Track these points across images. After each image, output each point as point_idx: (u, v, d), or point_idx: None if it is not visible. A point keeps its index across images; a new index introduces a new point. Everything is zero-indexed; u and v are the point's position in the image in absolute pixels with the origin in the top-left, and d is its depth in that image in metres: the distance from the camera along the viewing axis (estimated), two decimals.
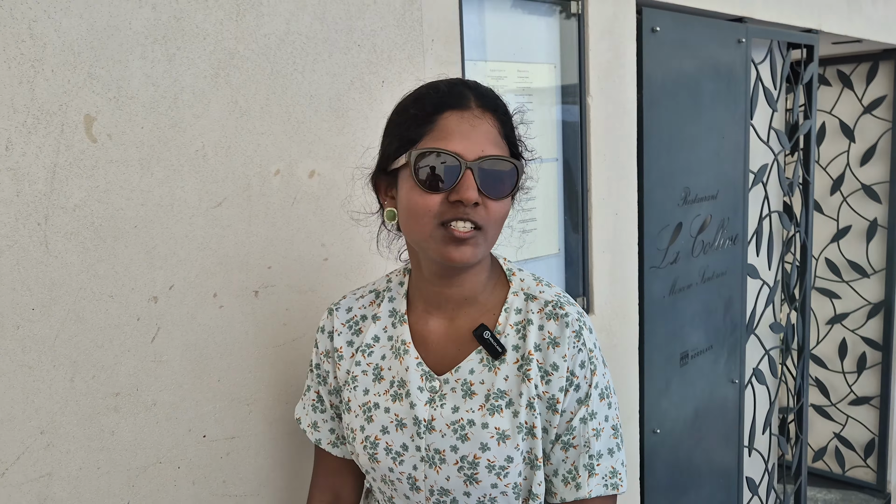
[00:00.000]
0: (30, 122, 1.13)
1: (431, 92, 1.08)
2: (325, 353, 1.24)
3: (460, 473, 1.08)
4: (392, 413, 1.13)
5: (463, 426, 1.09)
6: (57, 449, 1.19)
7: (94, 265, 1.21)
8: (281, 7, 1.39)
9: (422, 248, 1.09)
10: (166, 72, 1.26)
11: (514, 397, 1.08)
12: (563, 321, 1.09)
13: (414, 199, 1.04)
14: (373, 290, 1.25)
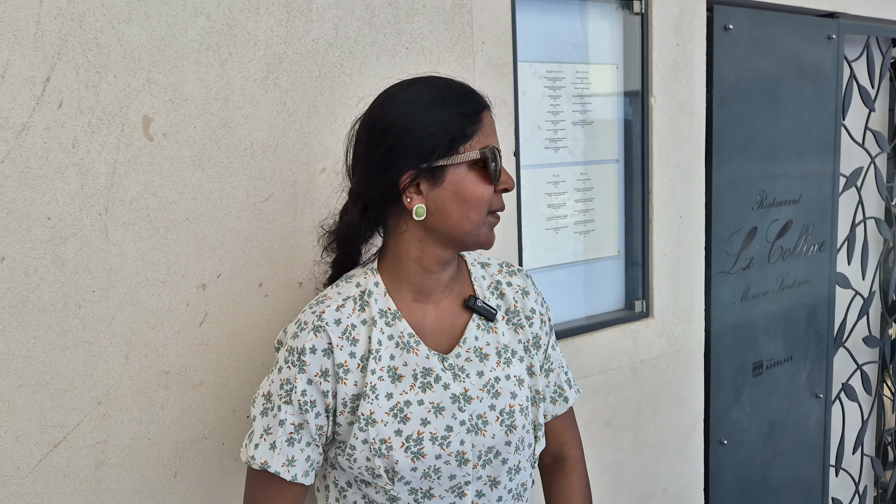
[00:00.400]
0: (94, 123, 1.25)
1: (467, 90, 1.16)
2: (322, 373, 1.14)
3: (502, 427, 1.20)
4: (427, 403, 1.16)
5: (492, 385, 1.21)
6: (112, 419, 1.32)
7: (149, 253, 1.32)
8: (329, 13, 1.46)
9: (469, 237, 1.16)
10: (218, 75, 1.36)
11: (514, 347, 1.26)
12: (521, 274, 1.33)
13: (476, 191, 1.14)
14: (347, 297, 1.19)
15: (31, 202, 1.21)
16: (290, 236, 1.46)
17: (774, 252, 2.46)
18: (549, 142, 1.92)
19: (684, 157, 2.13)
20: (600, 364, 2.01)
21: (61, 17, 1.20)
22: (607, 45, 2.01)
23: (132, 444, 1.34)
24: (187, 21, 1.32)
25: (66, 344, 1.26)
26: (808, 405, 2.69)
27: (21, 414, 1.23)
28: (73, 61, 1.22)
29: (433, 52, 1.61)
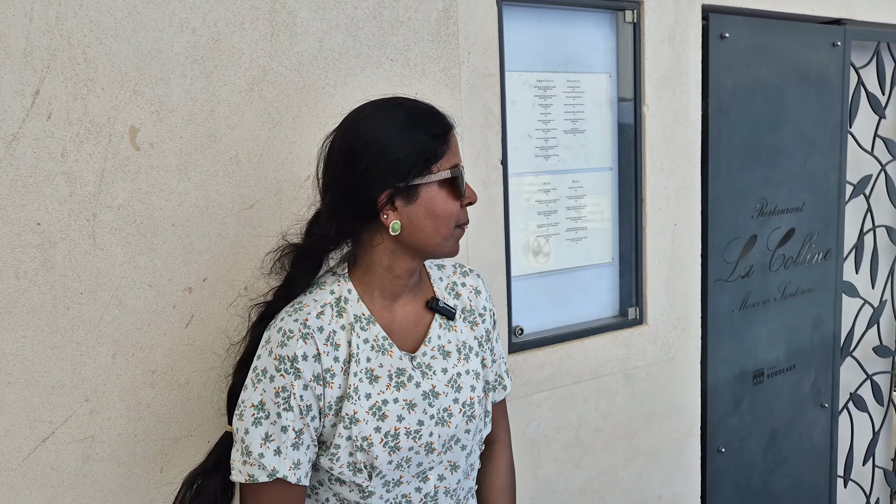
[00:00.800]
0: (82, 133, 1.31)
1: (434, 113, 1.22)
2: (315, 378, 1.17)
3: (464, 417, 1.30)
4: (401, 401, 1.23)
5: (455, 380, 1.30)
6: (100, 416, 1.38)
7: (136, 257, 1.38)
8: (314, 27, 1.51)
9: (437, 249, 1.24)
10: (204, 87, 1.41)
11: (471, 343, 1.35)
12: (473, 274, 1.42)
13: (446, 207, 1.22)
14: (324, 304, 1.22)
15: (22, 208, 1.27)
16: (276, 242, 1.51)
17: (776, 260, 2.45)
18: (539, 150, 1.95)
19: (679, 164, 2.13)
20: (591, 370, 2.03)
21: (50, 34, 1.27)
22: (600, 53, 2.03)
23: (119, 440, 1.40)
24: (173, 36, 1.38)
25: (55, 343, 1.32)
26: (812, 414, 2.67)
27: (11, 410, 1.29)
28: (62, 75, 1.29)
29: (418, 63, 1.65)
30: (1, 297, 1.27)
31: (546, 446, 1.98)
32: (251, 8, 1.44)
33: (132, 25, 1.34)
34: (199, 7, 1.39)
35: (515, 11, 1.85)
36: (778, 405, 2.54)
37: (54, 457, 1.34)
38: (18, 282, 1.28)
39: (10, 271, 1.27)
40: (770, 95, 2.35)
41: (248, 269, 1.49)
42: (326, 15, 1.53)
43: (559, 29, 1.95)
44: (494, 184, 1.79)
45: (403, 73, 1.64)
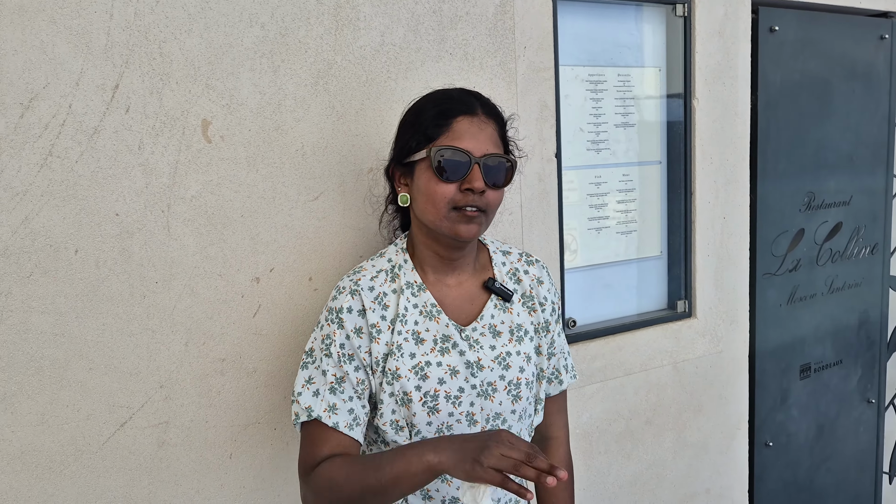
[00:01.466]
0: (158, 126, 1.35)
1: (446, 99, 1.29)
2: (356, 330, 1.27)
3: (509, 396, 1.33)
4: (444, 365, 1.29)
5: (504, 358, 1.34)
6: (173, 402, 1.41)
7: (207, 248, 1.41)
8: (376, 21, 1.54)
9: (436, 227, 1.29)
10: (272, 81, 1.44)
11: (527, 327, 1.39)
12: (538, 265, 1.45)
13: (432, 187, 1.25)
14: (380, 269, 1.34)
15: (102, 199, 1.31)
16: (339, 233, 1.54)
17: (823, 254, 2.44)
18: (591, 144, 1.96)
19: (728, 158, 2.13)
20: (642, 362, 2.04)
21: (129, 30, 1.31)
22: (650, 48, 2.04)
23: (191, 425, 1.43)
24: (243, 31, 1.41)
25: (132, 331, 1.36)
26: (858, 410, 2.65)
27: (92, 395, 1.34)
28: (140, 69, 1.32)
29: (476, 57, 1.68)
30: (83, 286, 1.31)
31: (598, 438, 1.99)
32: (317, 3, 1.47)
33: (205, 21, 1.37)
34: (268, 2, 1.43)
35: (568, 6, 1.87)
36: (824, 400, 2.53)
37: (132, 441, 1.38)
38: (99, 271, 1.32)
39: (91, 260, 1.31)
40: (817, 89, 2.34)
41: (313, 260, 1.52)
42: (388, 10, 1.55)
43: (610, 23, 1.96)
44: (549, 177, 1.81)
45: (462, 66, 1.66)
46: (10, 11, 1.21)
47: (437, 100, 1.30)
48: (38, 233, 1.27)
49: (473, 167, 1.24)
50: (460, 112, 1.26)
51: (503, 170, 1.28)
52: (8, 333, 1.26)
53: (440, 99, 1.30)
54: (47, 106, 1.26)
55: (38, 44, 1.24)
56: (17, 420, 1.28)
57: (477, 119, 1.27)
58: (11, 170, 1.24)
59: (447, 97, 1.30)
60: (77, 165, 1.29)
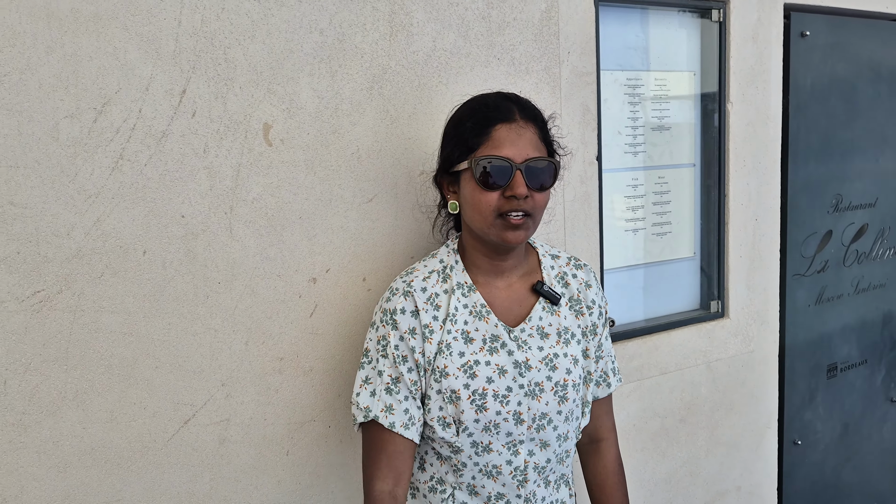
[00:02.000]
0: (222, 130, 1.38)
1: (483, 107, 1.33)
2: (410, 331, 1.31)
3: (556, 396, 1.35)
4: (493, 364, 1.32)
5: (551, 359, 1.36)
6: (234, 399, 1.44)
7: (267, 249, 1.45)
8: (428, 27, 1.57)
9: (483, 234, 1.32)
10: (329, 86, 1.47)
11: (574, 330, 1.41)
12: (586, 269, 1.48)
13: (476, 196, 1.29)
14: (432, 270, 1.38)
15: (169, 202, 1.34)
16: (391, 234, 1.57)
17: (850, 255, 2.48)
18: (628, 147, 2.00)
19: (760, 161, 2.17)
20: (677, 362, 2.07)
21: (196, 36, 1.34)
22: (685, 52, 2.07)
23: (251, 423, 1.46)
24: (303, 37, 1.44)
25: (196, 330, 1.39)
26: (883, 409, 2.69)
27: (158, 392, 1.37)
28: (206, 74, 1.36)
29: (522, 62, 1.71)
30: (150, 286, 1.34)
31: (634, 436, 2.02)
32: (372, 10, 1.50)
33: (267, 27, 1.40)
34: (327, 9, 1.46)
35: (609, 12, 1.90)
36: (850, 399, 2.56)
37: (195, 438, 1.41)
38: (165, 271, 1.35)
39: (158, 261, 1.35)
40: (845, 92, 2.37)
41: (367, 261, 1.55)
42: (440, 16, 1.58)
43: (647, 28, 1.99)
44: (590, 179, 1.84)
45: (509, 71, 1.69)
46: (85, 19, 1.24)
47: (475, 108, 1.33)
48: (108, 234, 1.30)
49: (515, 173, 1.27)
50: (498, 120, 1.29)
51: (547, 172, 1.30)
52: (80, 332, 1.29)
53: (478, 107, 1.33)
54: (119, 111, 1.29)
55: (112, 50, 1.27)
56: (88, 417, 1.31)
57: (515, 125, 1.29)
58: (85, 173, 1.27)
59: (485, 105, 1.33)
60: (146, 168, 1.32)
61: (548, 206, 1.73)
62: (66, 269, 1.27)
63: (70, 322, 1.28)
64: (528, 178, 1.27)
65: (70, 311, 1.28)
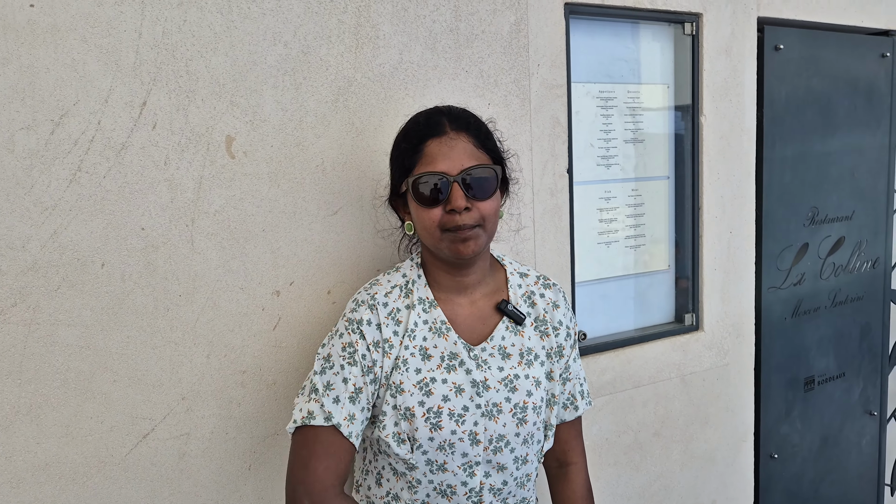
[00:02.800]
0: (183, 142, 1.37)
1: (415, 125, 1.33)
2: (374, 344, 1.29)
3: (514, 418, 1.32)
4: (450, 382, 1.30)
5: (511, 380, 1.34)
6: (195, 413, 1.43)
7: (229, 261, 1.44)
8: (395, 40, 1.57)
9: (436, 250, 1.32)
10: (294, 98, 1.47)
11: (538, 351, 1.38)
12: (555, 288, 1.46)
13: (420, 215, 1.30)
14: (394, 285, 1.36)
15: (128, 214, 1.34)
16: (357, 247, 1.57)
17: (826, 268, 2.48)
18: (601, 159, 2.00)
19: (734, 173, 2.17)
20: (650, 375, 2.06)
21: (157, 48, 1.33)
22: (658, 65, 2.07)
23: (212, 437, 1.45)
24: (267, 49, 1.44)
25: (156, 343, 1.38)
26: (861, 422, 2.68)
27: (115, 407, 1.35)
28: (167, 87, 1.35)
29: (491, 74, 1.71)
30: (109, 299, 1.33)
31: (607, 450, 2.01)
32: (338, 22, 1.50)
33: (230, 40, 1.40)
34: (291, 21, 1.45)
35: (580, 24, 1.90)
36: (828, 412, 2.56)
37: (153, 452, 1.40)
38: (124, 284, 1.34)
39: (117, 274, 1.33)
40: (821, 105, 2.38)
41: (332, 274, 1.54)
42: (407, 28, 1.58)
43: (620, 41, 2.00)
44: (561, 192, 1.84)
45: (477, 83, 1.69)
46: (42, 31, 1.24)
47: (409, 128, 1.34)
48: (66, 247, 1.29)
49: (452, 186, 1.25)
50: (428, 136, 1.28)
51: (488, 179, 1.28)
52: (35, 346, 1.28)
53: (411, 126, 1.34)
54: (77, 122, 1.28)
55: (70, 62, 1.26)
56: (43, 432, 1.30)
57: (446, 137, 1.28)
58: (42, 185, 1.26)
59: (416, 123, 1.33)
60: (105, 181, 1.31)
61: (517, 221, 1.73)
62: (20, 281, 1.26)
63: (24, 335, 1.27)
64: (467, 190, 1.26)
65: (25, 324, 1.27)
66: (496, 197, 1.30)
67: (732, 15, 2.11)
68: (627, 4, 1.91)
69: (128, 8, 1.30)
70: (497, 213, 1.32)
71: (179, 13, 1.35)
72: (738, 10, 2.12)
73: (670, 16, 2.01)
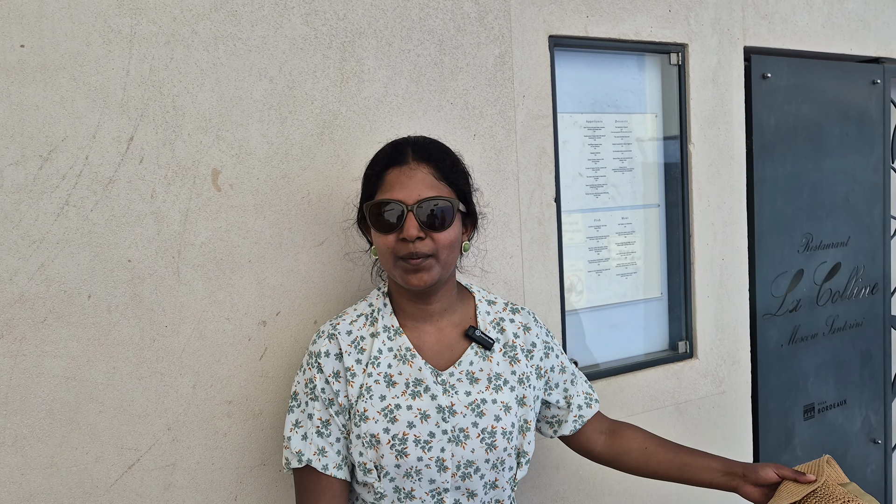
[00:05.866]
0: (170, 176, 1.40)
1: (381, 154, 1.35)
2: (335, 374, 1.32)
3: (482, 444, 1.32)
4: (415, 409, 1.31)
5: (478, 405, 1.33)
6: (181, 444, 1.44)
7: (215, 292, 1.46)
8: (380, 73, 1.60)
9: (392, 277, 1.34)
10: (279, 132, 1.50)
11: (507, 377, 1.38)
12: (524, 312, 1.47)
13: (376, 240, 1.32)
14: (360, 314, 1.38)
15: (115, 246, 1.36)
16: (343, 277, 1.58)
17: (823, 294, 2.47)
18: (589, 188, 2.01)
19: (725, 200, 2.18)
20: (643, 403, 2.05)
21: (144, 85, 1.37)
22: (646, 95, 2.10)
23: (198, 467, 1.46)
24: (252, 84, 1.47)
25: (141, 374, 1.40)
26: (865, 451, 2.65)
27: (101, 437, 1.36)
28: (154, 122, 1.38)
29: (476, 106, 1.74)
30: (95, 330, 1.35)
31: (601, 480, 1.99)
32: (323, 57, 1.54)
33: (216, 76, 1.44)
34: (276, 57, 1.49)
35: (566, 56, 1.93)
36: (830, 440, 2.52)
37: (139, 483, 1.40)
38: (111, 315, 1.36)
39: (104, 305, 1.36)
40: (812, 132, 2.39)
41: (318, 304, 1.56)
42: (391, 62, 1.62)
43: (607, 72, 2.03)
44: (548, 221, 1.85)
45: (462, 115, 1.72)
46: (32, 70, 1.28)
47: (376, 157, 1.36)
48: (52, 279, 1.31)
49: (407, 216, 1.26)
50: (390, 164, 1.31)
51: (445, 211, 1.28)
52: (21, 377, 1.30)
53: (378, 156, 1.36)
54: (65, 158, 1.31)
55: (59, 99, 1.30)
56: (28, 463, 1.31)
57: (407, 167, 1.29)
58: (29, 219, 1.29)
59: (382, 152, 1.35)
60: (92, 214, 1.34)
61: (503, 249, 1.75)
62: (7, 314, 1.28)
63: (10, 367, 1.29)
64: (421, 219, 1.26)
65: (11, 355, 1.29)
66: (453, 229, 1.30)
67: (718, 45, 2.14)
68: (612, 36, 1.94)
69: (116, 47, 1.34)
70: (454, 244, 1.31)
71: (166, 51, 1.39)
72: (724, 41, 2.15)
73: (656, 46, 2.04)
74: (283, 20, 1.49)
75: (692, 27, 2.08)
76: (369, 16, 1.59)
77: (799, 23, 2.33)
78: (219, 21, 1.43)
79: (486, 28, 1.74)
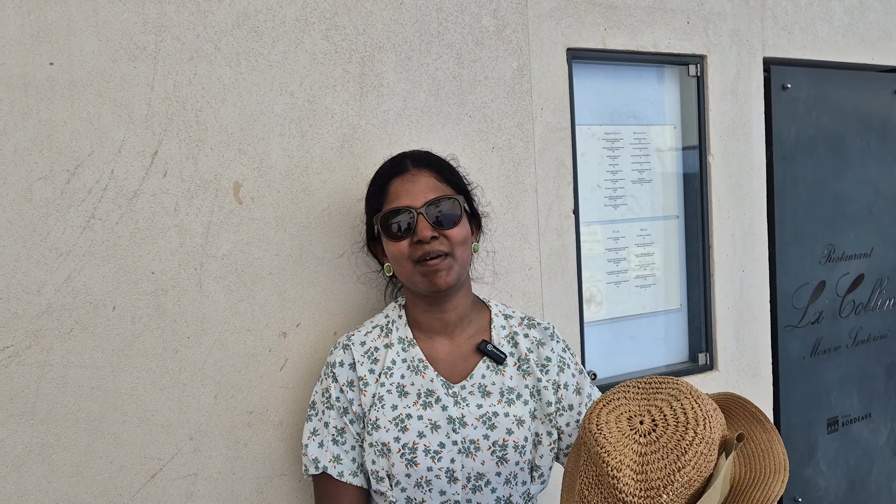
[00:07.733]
0: (192, 189, 1.43)
1: (381, 170, 1.42)
2: (348, 384, 1.36)
3: (493, 457, 1.32)
4: (426, 419, 1.32)
5: (490, 417, 1.34)
6: (202, 454, 1.46)
7: (237, 304, 1.48)
8: (399, 87, 1.62)
9: (413, 286, 1.36)
10: (300, 145, 1.52)
11: (520, 391, 1.38)
12: (540, 327, 1.46)
13: (391, 249, 1.35)
14: (375, 325, 1.43)
15: (139, 258, 1.39)
16: (362, 289, 1.60)
17: (846, 306, 2.44)
18: (608, 199, 2.02)
19: (745, 211, 2.17)
20: None
21: (168, 100, 1.40)
22: (664, 106, 2.10)
23: (219, 477, 1.47)
24: (273, 99, 1.50)
25: (164, 384, 1.42)
26: (891, 465, 2.61)
27: (125, 446, 1.39)
28: (177, 136, 1.41)
29: (494, 118, 1.75)
30: (119, 340, 1.37)
31: None
32: (343, 72, 1.56)
33: (238, 91, 1.46)
34: (297, 72, 1.51)
35: (584, 68, 1.94)
36: (854, 454, 2.49)
37: (161, 492, 1.42)
38: (134, 326, 1.39)
39: (128, 316, 1.38)
40: (833, 143, 2.38)
41: (338, 315, 1.57)
42: (410, 76, 1.64)
43: (625, 84, 2.03)
44: (567, 232, 1.86)
45: (481, 128, 1.73)
46: (61, 87, 1.31)
47: (376, 174, 1.42)
48: (79, 291, 1.34)
49: (418, 218, 1.31)
50: (391, 175, 1.37)
51: (453, 208, 1.34)
52: (48, 387, 1.32)
53: (378, 172, 1.42)
54: (91, 172, 1.34)
55: (86, 115, 1.33)
56: (54, 471, 1.33)
57: (408, 175, 1.36)
58: (57, 232, 1.32)
59: (381, 168, 1.42)
60: (117, 227, 1.37)
61: (521, 261, 1.75)
62: (35, 325, 1.31)
63: (38, 377, 1.31)
64: (432, 220, 1.31)
65: (38, 365, 1.31)
66: (463, 225, 1.35)
67: (737, 56, 2.14)
68: (630, 48, 1.95)
69: (141, 64, 1.37)
70: (466, 241, 1.36)
71: (190, 67, 1.42)
72: (743, 52, 2.15)
73: (674, 58, 2.04)
74: (303, 36, 1.52)
75: (711, 38, 2.08)
76: (388, 30, 1.61)
77: (819, 33, 2.32)
78: (241, 37, 1.46)
79: (504, 41, 1.75)
